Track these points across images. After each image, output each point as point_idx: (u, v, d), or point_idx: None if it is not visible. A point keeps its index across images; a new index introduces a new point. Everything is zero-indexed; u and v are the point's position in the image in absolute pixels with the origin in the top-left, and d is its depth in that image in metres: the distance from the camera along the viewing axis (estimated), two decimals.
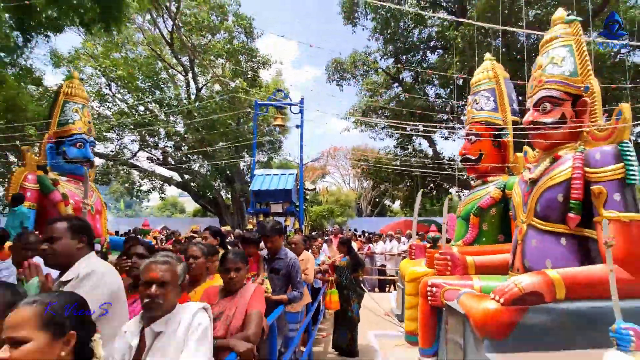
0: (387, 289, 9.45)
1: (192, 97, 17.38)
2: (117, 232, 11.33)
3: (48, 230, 1.73)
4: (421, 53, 15.62)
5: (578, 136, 3.65)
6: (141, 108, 16.48)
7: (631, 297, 2.89)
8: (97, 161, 14.26)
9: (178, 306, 1.54)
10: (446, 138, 15.74)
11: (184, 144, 17.09)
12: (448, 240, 5.42)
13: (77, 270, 1.68)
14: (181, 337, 1.40)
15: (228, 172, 18.37)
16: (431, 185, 16.71)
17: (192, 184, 19.14)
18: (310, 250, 5.35)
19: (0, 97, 10.30)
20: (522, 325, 2.94)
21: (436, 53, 15.32)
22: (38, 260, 1.79)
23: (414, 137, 17.11)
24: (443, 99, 13.24)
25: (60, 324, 1.07)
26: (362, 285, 5.08)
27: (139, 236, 8.58)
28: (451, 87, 12.76)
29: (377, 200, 30.46)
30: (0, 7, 6.88)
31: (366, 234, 12.05)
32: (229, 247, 3.48)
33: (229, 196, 20.97)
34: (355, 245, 6.75)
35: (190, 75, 17.24)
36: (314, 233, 8.96)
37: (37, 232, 3.42)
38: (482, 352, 3.02)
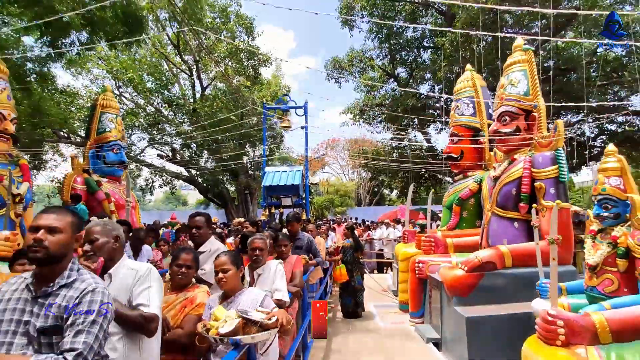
0: (384, 271, 10.60)
1: (197, 95, 18.26)
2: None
3: (191, 222, 2.89)
4: (415, 52, 16.52)
5: (530, 143, 4.68)
6: (150, 108, 17.37)
7: (560, 263, 3.97)
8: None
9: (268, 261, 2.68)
10: (439, 132, 16.77)
11: (191, 141, 18.03)
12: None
13: (210, 246, 2.81)
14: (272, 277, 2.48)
15: (233, 166, 19.36)
16: (425, 175, 17.78)
17: (198, 179, 20.14)
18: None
19: (26, 103, 11.19)
20: (481, 286, 4.03)
21: (429, 52, 16.22)
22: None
23: (409, 130, 18.10)
24: (436, 97, 14.18)
25: None
26: (361, 262, 6.18)
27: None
28: (441, 84, 13.69)
29: (375, 189, 31.55)
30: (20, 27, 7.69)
31: (366, 223, 13.15)
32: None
33: (233, 189, 21.99)
34: (356, 232, 7.83)
35: (195, 74, 18.08)
36: (320, 222, 10.04)
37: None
38: (452, 307, 4.11)
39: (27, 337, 1.21)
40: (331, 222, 9.76)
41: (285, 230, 4.53)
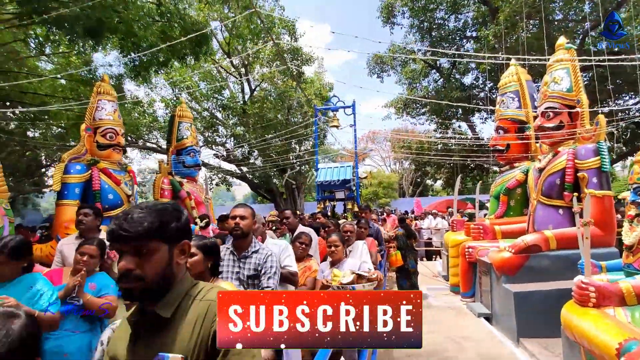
0: (433, 258, 11.11)
1: (247, 97, 19.55)
2: None
3: (282, 215, 3.73)
4: (457, 43, 16.53)
5: (573, 136, 5.06)
6: (205, 113, 18.91)
7: (602, 246, 4.40)
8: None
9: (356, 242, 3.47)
10: (484, 121, 16.68)
11: (242, 141, 19.40)
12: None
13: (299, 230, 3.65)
14: (359, 253, 3.27)
15: (280, 163, 20.53)
16: (471, 166, 17.79)
17: (249, 176, 21.56)
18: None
19: None
20: (527, 266, 4.56)
21: (471, 42, 16.18)
22: None
23: (453, 121, 18.15)
24: (479, 88, 14.21)
25: None
26: (415, 249, 6.85)
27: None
28: (486, 74, 13.71)
29: (418, 180, 31.54)
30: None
31: (413, 214, 13.67)
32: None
33: (279, 183, 23.24)
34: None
35: (244, 78, 19.35)
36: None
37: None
38: (501, 284, 4.68)
39: (238, 280, 2.07)
40: (383, 213, 10.42)
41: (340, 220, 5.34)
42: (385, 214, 9.60)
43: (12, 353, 0.80)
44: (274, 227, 6.33)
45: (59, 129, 14.72)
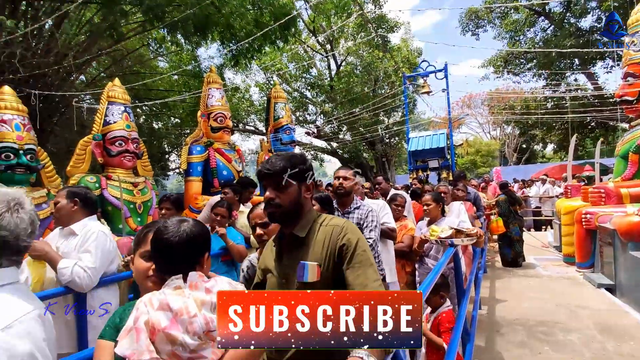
0: (543, 229, 10.12)
1: (333, 73, 19.79)
2: None
3: (376, 180, 3.93)
4: None
5: None
6: (295, 94, 19.78)
7: None
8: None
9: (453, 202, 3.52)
10: (609, 70, 14.00)
11: (332, 118, 19.85)
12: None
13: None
14: (457, 212, 3.33)
15: (369, 136, 20.50)
16: (592, 124, 15.31)
17: (339, 151, 22.08)
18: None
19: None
20: None
21: None
22: None
23: (567, 74, 15.74)
24: (600, 32, 11.91)
25: None
26: (519, 215, 6.41)
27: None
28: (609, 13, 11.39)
29: (523, 146, 28.35)
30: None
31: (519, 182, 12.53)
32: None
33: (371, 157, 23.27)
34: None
35: (329, 54, 19.55)
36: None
37: None
38: (628, 252, 4.17)
39: None
40: (483, 181, 9.82)
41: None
42: (485, 182, 9.01)
43: (182, 244, 1.07)
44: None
45: (177, 119, 17.08)
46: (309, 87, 19.68)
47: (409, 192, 4.82)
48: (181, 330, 0.91)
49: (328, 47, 19.61)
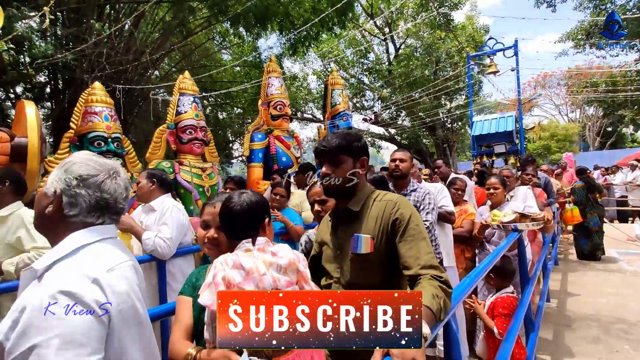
0: (629, 221, 9.01)
1: (391, 57, 19.22)
2: None
3: (435, 164, 3.88)
4: None
5: None
6: (352, 80, 19.60)
7: None
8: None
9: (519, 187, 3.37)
10: None
11: (390, 103, 19.39)
12: None
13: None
14: (523, 197, 3.17)
15: (429, 120, 19.69)
16: None
17: (397, 137, 21.54)
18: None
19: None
20: None
21: None
22: None
23: None
24: None
25: None
26: (599, 203, 5.78)
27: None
28: None
29: (608, 129, 25.22)
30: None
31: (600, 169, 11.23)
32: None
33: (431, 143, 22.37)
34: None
35: (387, 35, 19.00)
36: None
37: None
38: None
39: None
40: (558, 167, 8.99)
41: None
42: (560, 167, 8.23)
43: (244, 212, 1.19)
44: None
45: (239, 109, 17.93)
46: (367, 73, 19.37)
47: (477, 173, 4.61)
48: (252, 286, 1.02)
49: (386, 30, 19.06)
